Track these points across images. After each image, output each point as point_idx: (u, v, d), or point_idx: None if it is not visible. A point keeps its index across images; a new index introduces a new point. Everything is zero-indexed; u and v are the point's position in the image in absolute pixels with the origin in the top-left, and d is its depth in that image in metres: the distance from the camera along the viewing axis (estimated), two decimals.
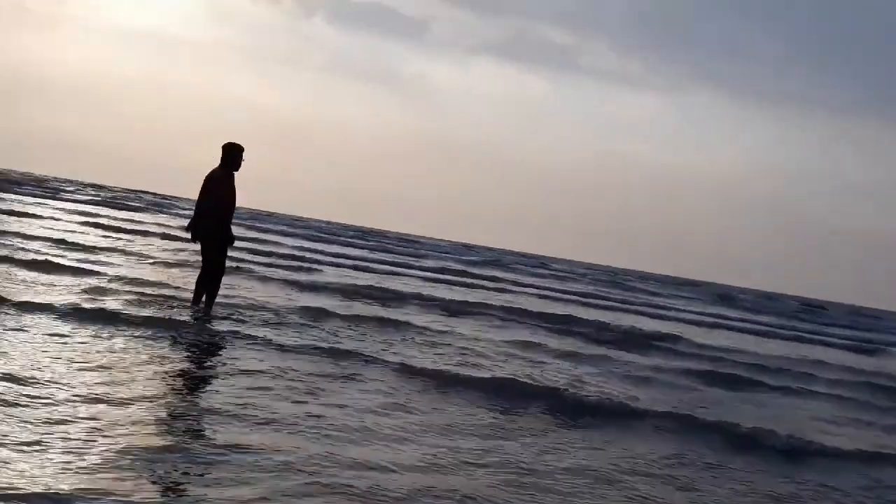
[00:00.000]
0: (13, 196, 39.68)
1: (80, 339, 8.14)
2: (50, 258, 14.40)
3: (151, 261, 17.36)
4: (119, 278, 13.12)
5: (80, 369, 6.90)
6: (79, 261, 15.00)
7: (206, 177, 10.99)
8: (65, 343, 7.88)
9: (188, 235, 11.47)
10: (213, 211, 10.91)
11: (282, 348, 9.28)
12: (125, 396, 6.26)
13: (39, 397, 5.84)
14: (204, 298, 11.28)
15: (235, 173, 11.08)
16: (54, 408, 5.66)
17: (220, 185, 10.92)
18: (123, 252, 18.26)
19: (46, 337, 8.01)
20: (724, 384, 12.28)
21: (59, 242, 17.90)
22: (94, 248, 18.08)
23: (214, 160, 11.11)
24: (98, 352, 7.72)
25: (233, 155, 10.95)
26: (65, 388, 6.20)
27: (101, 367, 7.12)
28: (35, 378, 6.31)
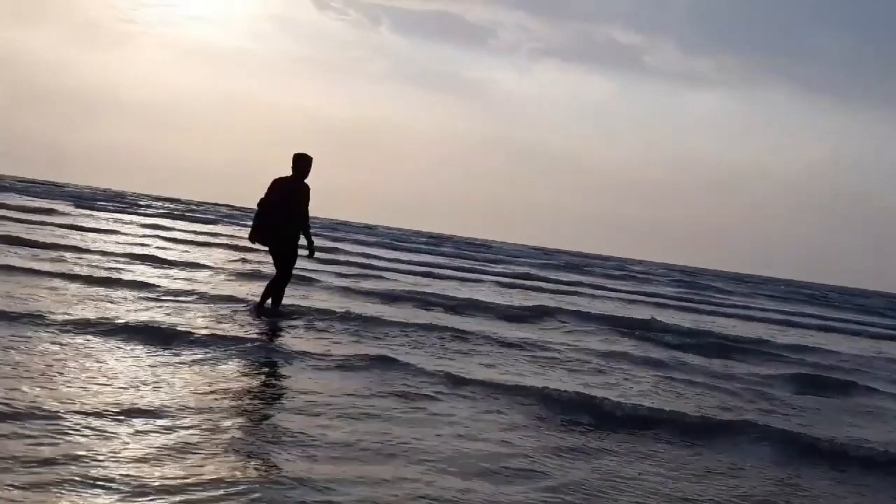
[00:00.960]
0: (90, 211, 40.23)
1: (143, 360, 7.75)
2: (114, 273, 14.23)
3: (215, 272, 17.11)
4: (181, 292, 12.80)
5: (144, 393, 6.47)
6: (143, 274, 14.80)
7: (276, 185, 11.33)
8: (134, 365, 7.50)
9: (253, 242, 11.61)
10: (291, 219, 11.35)
11: (355, 364, 8.74)
12: (194, 424, 5.80)
13: (104, 429, 5.44)
14: (271, 304, 11.70)
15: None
16: (126, 437, 5.26)
17: (295, 194, 11.35)
18: (189, 264, 18.03)
19: (116, 359, 7.64)
20: (818, 389, 11.47)
21: (127, 256, 17.79)
22: (161, 259, 17.92)
23: (285, 169, 11.48)
24: (163, 374, 7.30)
25: (302, 165, 11.32)
26: (131, 415, 5.79)
27: (169, 389, 6.70)
28: (101, 406, 5.92)
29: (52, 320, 8.95)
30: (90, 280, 12.99)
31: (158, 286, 13.12)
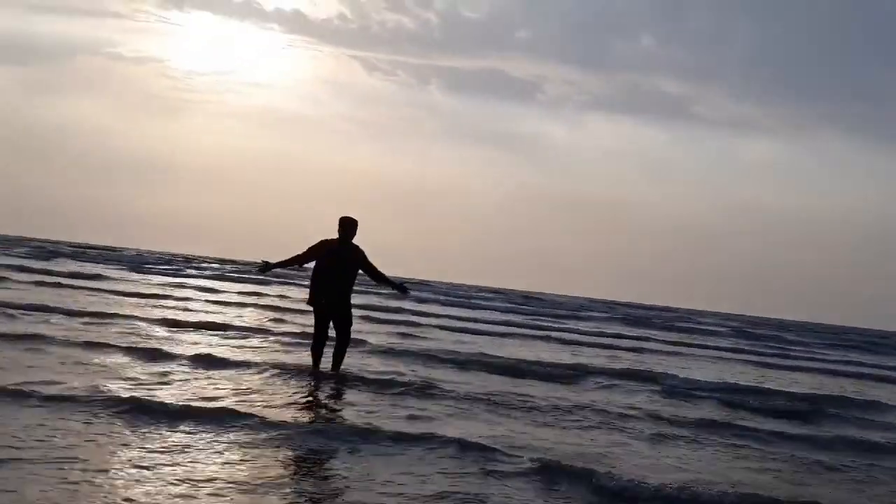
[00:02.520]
0: (140, 275, 40.07)
1: (184, 446, 6.94)
2: (155, 342, 13.55)
3: (263, 336, 16.30)
4: (227, 361, 12.01)
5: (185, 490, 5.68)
6: (184, 342, 14.10)
7: (322, 246, 11.34)
8: (169, 453, 6.70)
9: (308, 305, 11.62)
10: (342, 282, 11.30)
11: (422, 442, 7.92)
12: None
13: None
14: (331, 367, 11.65)
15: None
16: None
17: (343, 257, 11.32)
18: (232, 328, 17.28)
19: (154, 445, 6.86)
20: None
21: (169, 323, 17.12)
22: (207, 324, 17.23)
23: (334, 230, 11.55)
24: (208, 464, 6.49)
25: (348, 228, 11.36)
26: None
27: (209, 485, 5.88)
28: None
29: (77, 397, 8.31)
30: (129, 351, 12.29)
31: (203, 355, 12.35)
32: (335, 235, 11.48)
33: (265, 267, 11.47)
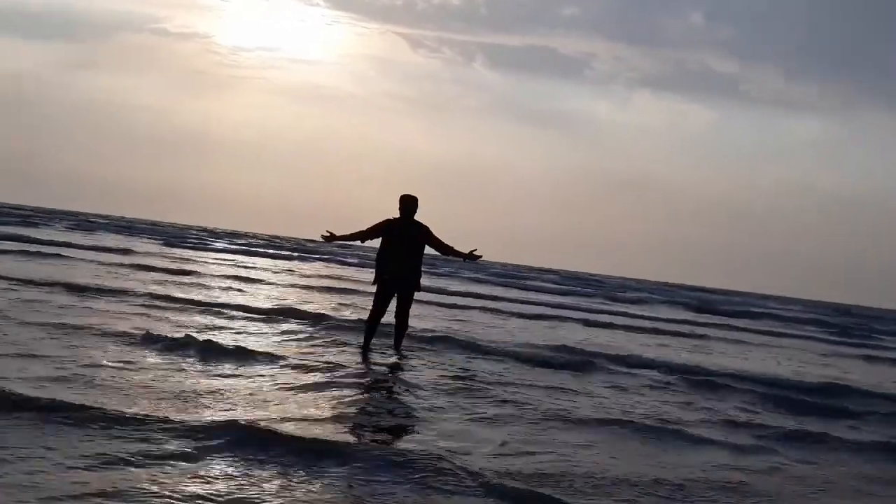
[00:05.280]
0: (177, 251, 38.75)
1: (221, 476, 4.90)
2: (173, 327, 11.56)
3: (309, 324, 14.25)
4: (267, 354, 9.99)
5: None
6: (206, 327, 12.11)
7: (386, 225, 11.32)
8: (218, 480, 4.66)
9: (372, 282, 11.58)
10: (411, 260, 11.32)
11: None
12: None
13: None
14: (394, 345, 11.67)
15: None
16: None
17: (409, 235, 11.33)
18: (273, 315, 15.27)
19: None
20: None
21: (195, 303, 15.18)
22: (243, 308, 15.28)
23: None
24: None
25: (409, 205, 11.37)
26: None
27: None
28: None
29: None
30: (151, 341, 10.27)
31: (242, 348, 10.33)
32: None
33: (330, 238, 11.36)
